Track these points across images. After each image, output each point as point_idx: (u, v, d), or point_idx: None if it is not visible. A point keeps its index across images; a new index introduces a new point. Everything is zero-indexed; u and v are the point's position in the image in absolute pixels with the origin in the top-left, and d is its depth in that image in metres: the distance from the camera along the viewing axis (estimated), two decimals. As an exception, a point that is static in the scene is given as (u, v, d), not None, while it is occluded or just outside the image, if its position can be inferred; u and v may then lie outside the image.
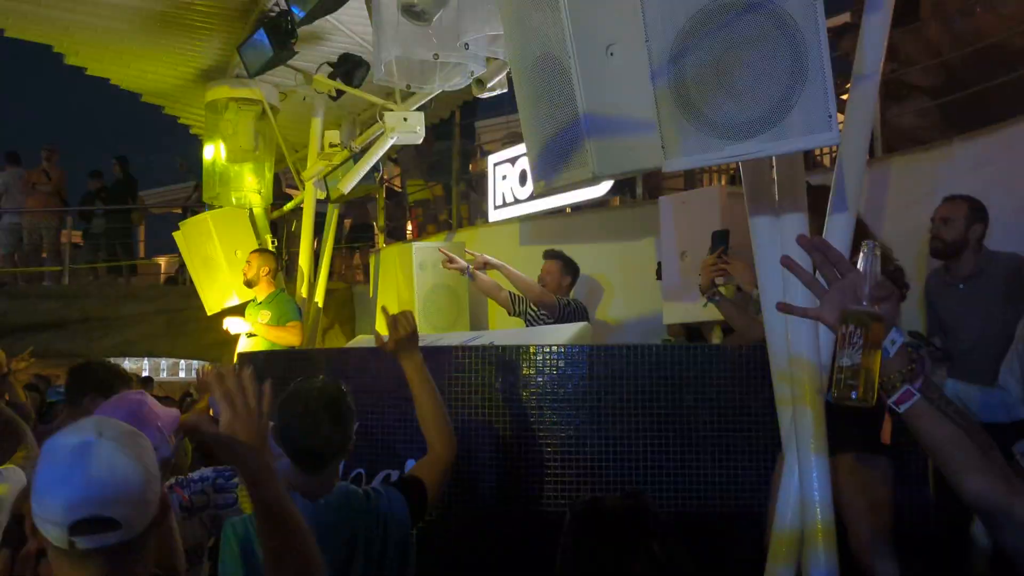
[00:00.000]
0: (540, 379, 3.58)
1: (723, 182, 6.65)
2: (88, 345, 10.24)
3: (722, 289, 3.69)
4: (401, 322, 2.67)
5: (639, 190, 6.63)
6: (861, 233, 2.64)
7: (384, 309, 2.76)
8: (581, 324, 4.36)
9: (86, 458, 1.46)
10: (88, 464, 1.46)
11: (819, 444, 2.46)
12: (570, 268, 5.28)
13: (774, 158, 2.54)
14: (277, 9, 5.31)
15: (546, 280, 5.20)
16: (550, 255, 5.27)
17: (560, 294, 5.21)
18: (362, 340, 5.45)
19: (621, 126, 2.48)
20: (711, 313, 4.59)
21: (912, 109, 5.45)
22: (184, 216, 9.58)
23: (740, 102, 2.16)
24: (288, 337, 5.37)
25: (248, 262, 5.63)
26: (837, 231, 2.60)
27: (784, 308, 1.71)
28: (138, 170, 12.04)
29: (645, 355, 3.50)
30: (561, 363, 3.60)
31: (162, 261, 14.68)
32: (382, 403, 3.80)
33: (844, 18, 6.63)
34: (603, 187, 5.41)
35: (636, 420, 3.45)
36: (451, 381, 3.58)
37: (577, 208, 6.23)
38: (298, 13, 4.84)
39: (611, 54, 2.55)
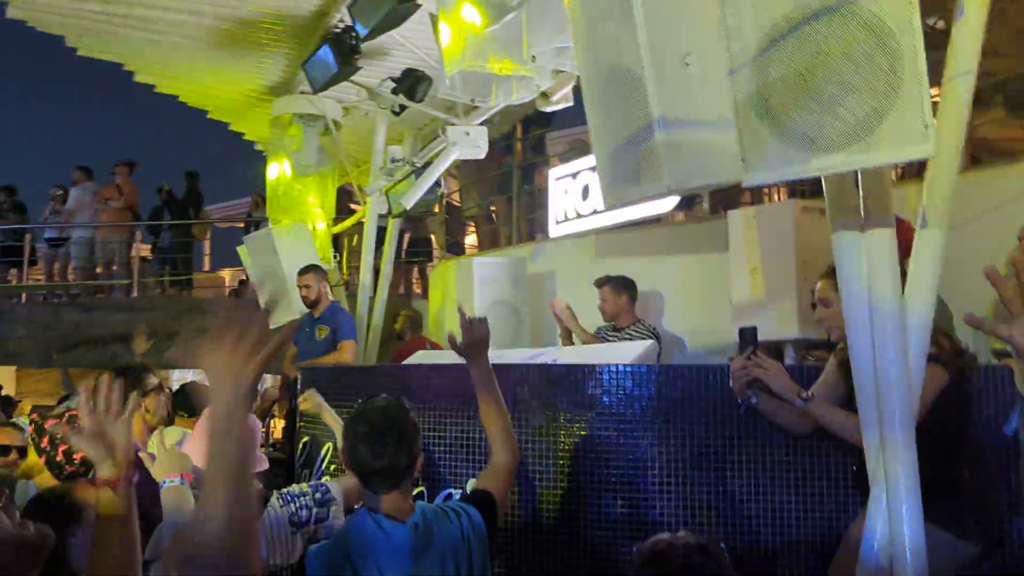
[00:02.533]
0: (606, 399, 3.48)
1: (782, 195, 6.49)
2: (154, 357, 10.44)
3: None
4: (476, 325, 2.71)
5: (704, 204, 6.49)
6: None
7: (461, 310, 2.77)
8: (647, 342, 4.26)
9: None
10: None
11: (910, 473, 2.32)
12: (622, 286, 5.19)
13: (859, 171, 2.42)
14: (342, 25, 5.34)
15: (605, 308, 5.15)
16: (599, 283, 5.21)
17: (625, 315, 5.13)
18: (422, 356, 5.41)
19: (697, 138, 2.39)
20: (785, 329, 4.45)
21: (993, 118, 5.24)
22: (248, 230, 9.72)
23: (828, 113, 2.05)
24: (342, 357, 5.37)
25: (306, 284, 5.64)
26: (928, 247, 2.47)
27: (973, 321, 1.66)
28: (205, 185, 12.27)
29: (716, 375, 3.38)
30: (628, 383, 3.50)
31: (226, 274, 14.93)
32: (444, 421, 3.74)
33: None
34: (669, 202, 5.30)
35: (706, 443, 3.33)
36: (513, 399, 3.51)
37: (640, 223, 6.12)
38: (361, 30, 4.85)
39: (687, 64, 2.46)
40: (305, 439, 4.53)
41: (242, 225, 11.91)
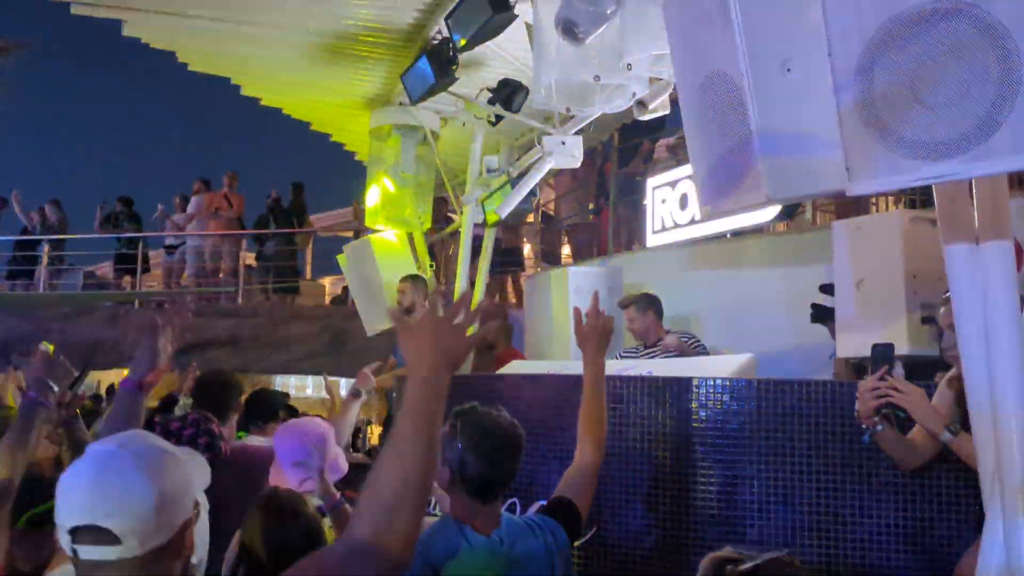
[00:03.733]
0: (704, 413, 3.40)
1: (891, 205, 6.23)
2: (258, 362, 10.82)
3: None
4: (603, 318, 2.78)
5: (807, 214, 6.30)
6: None
7: (595, 294, 2.83)
8: (747, 356, 4.13)
9: (100, 466, 1.45)
10: (100, 472, 1.44)
11: (1029, 502, 2.18)
12: (647, 303, 5.13)
13: (973, 180, 2.29)
14: (440, 37, 5.40)
15: (634, 328, 5.10)
16: (623, 304, 5.16)
17: (653, 331, 5.06)
18: (516, 366, 5.41)
19: (798, 146, 2.30)
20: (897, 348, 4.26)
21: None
22: (350, 239, 9.95)
23: (939, 118, 1.94)
24: None
25: (402, 291, 5.72)
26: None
27: None
28: (309, 195, 12.64)
29: (819, 391, 3.25)
30: (726, 397, 3.41)
31: (327, 282, 15.32)
32: (535, 432, 3.72)
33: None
34: (770, 212, 5.16)
35: (808, 462, 3.21)
36: (608, 411, 3.46)
37: (739, 233, 5.97)
38: (459, 41, 4.90)
39: (788, 70, 2.38)
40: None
41: (349, 234, 12.23)
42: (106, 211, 12.67)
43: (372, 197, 7.02)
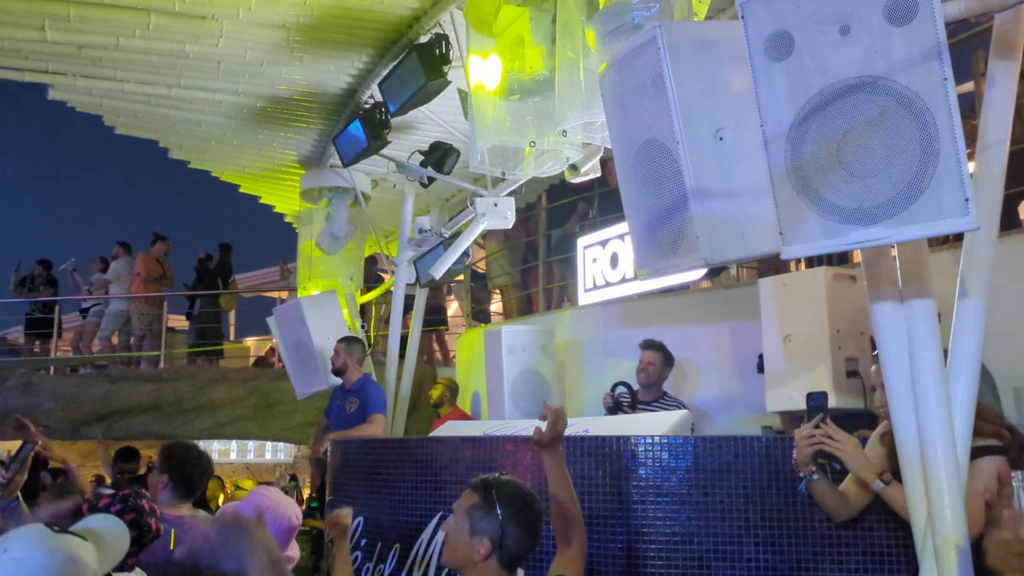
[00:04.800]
0: (642, 471, 3.43)
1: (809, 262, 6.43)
2: (182, 427, 10.47)
3: None
4: (562, 417, 2.63)
5: (732, 271, 6.48)
6: None
7: (546, 404, 2.69)
8: (681, 413, 4.21)
9: None
10: None
11: (960, 543, 2.26)
12: (669, 360, 5.19)
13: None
14: (372, 101, 5.46)
15: (649, 371, 5.10)
16: (650, 345, 5.17)
17: (660, 386, 5.11)
18: (451, 428, 5.38)
19: (733, 211, 2.40)
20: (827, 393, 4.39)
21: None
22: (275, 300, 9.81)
23: (865, 185, 2.06)
24: (371, 430, 5.34)
25: (336, 351, 5.66)
26: (969, 317, 2.45)
27: None
28: (235, 255, 12.45)
29: (754, 447, 3.32)
30: (664, 455, 3.45)
31: (251, 343, 15.02)
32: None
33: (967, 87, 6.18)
34: (701, 271, 5.30)
35: (746, 517, 3.26)
36: (543, 472, 3.46)
37: (668, 290, 6.11)
38: (392, 107, 4.96)
39: (721, 138, 2.49)
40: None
41: (275, 295, 12.05)
42: (22, 274, 12.23)
43: (302, 257, 6.96)
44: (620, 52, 2.63)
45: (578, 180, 4.48)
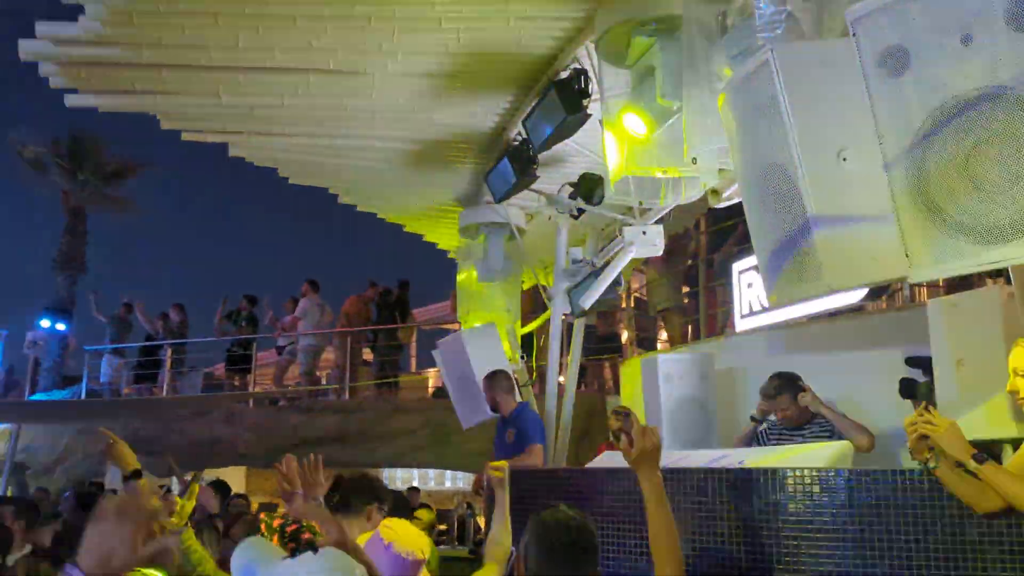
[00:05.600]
0: (792, 506, 3.29)
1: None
2: (366, 456, 11.04)
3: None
4: (648, 434, 2.60)
5: (904, 291, 6.09)
6: None
7: (621, 414, 2.67)
8: (840, 443, 3.99)
9: None
10: None
11: None
12: (791, 386, 4.88)
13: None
14: (520, 139, 5.60)
15: (790, 415, 4.84)
16: (766, 395, 4.91)
17: (801, 413, 4.83)
18: (604, 459, 5.35)
19: (856, 235, 2.29)
20: (999, 427, 4.03)
21: None
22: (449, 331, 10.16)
23: (996, 202, 1.92)
24: (529, 460, 5.41)
25: (483, 389, 5.81)
26: None
27: None
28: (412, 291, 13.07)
29: (918, 480, 3.10)
30: (816, 489, 3.29)
31: (431, 374, 15.58)
32: (623, 528, 3.67)
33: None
34: (859, 293, 5.03)
35: (908, 555, 3.04)
36: (692, 505, 3.39)
37: (832, 314, 5.81)
38: (535, 142, 5.07)
39: (844, 159, 2.39)
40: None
41: (451, 326, 12.52)
42: (228, 307, 13.40)
43: (463, 292, 7.19)
44: (736, 77, 2.59)
45: (722, 204, 4.39)
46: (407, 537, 2.96)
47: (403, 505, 6.81)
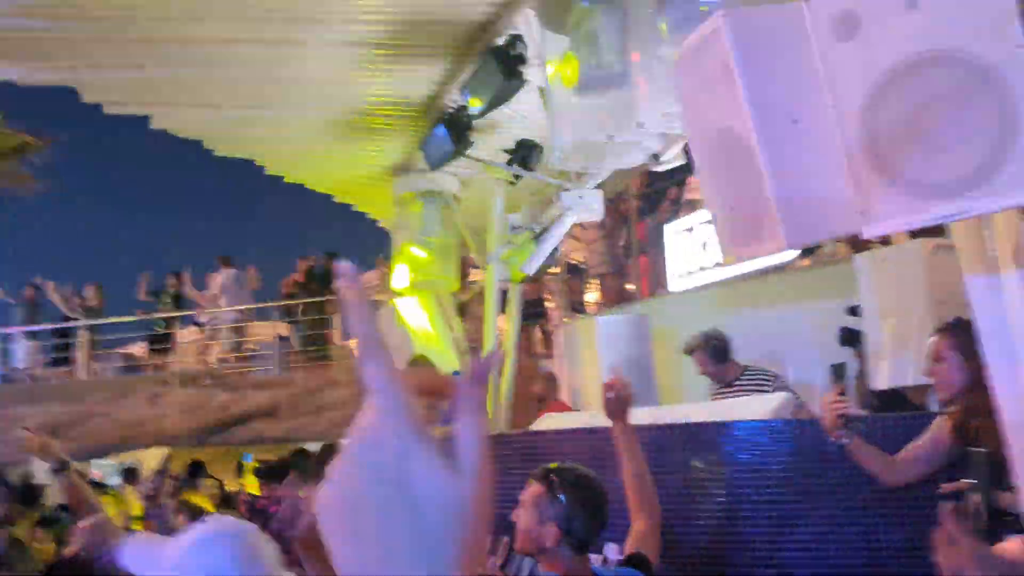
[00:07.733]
0: (744, 457, 3.43)
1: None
2: (299, 431, 10.94)
3: None
4: (624, 388, 2.90)
5: (826, 248, 6.33)
6: None
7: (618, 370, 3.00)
8: (782, 395, 4.16)
9: None
10: None
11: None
12: (718, 354, 5.10)
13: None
14: (455, 105, 5.57)
15: (709, 373, 5.10)
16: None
17: (728, 368, 5.03)
18: (548, 421, 5.45)
19: (811, 192, 2.38)
20: (924, 375, 4.26)
21: None
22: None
23: (944, 159, 2.02)
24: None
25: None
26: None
27: None
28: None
29: (857, 426, 3.27)
30: (764, 439, 3.44)
31: (355, 344, 15.44)
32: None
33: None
34: (791, 252, 5.21)
35: (851, 499, 3.22)
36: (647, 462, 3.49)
37: (763, 272, 6.02)
38: (474, 108, 5.05)
39: (795, 121, 2.47)
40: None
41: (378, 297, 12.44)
42: (152, 286, 13.04)
43: (400, 265, 7.14)
44: (687, 44, 2.64)
45: (661, 168, 4.47)
46: None
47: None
